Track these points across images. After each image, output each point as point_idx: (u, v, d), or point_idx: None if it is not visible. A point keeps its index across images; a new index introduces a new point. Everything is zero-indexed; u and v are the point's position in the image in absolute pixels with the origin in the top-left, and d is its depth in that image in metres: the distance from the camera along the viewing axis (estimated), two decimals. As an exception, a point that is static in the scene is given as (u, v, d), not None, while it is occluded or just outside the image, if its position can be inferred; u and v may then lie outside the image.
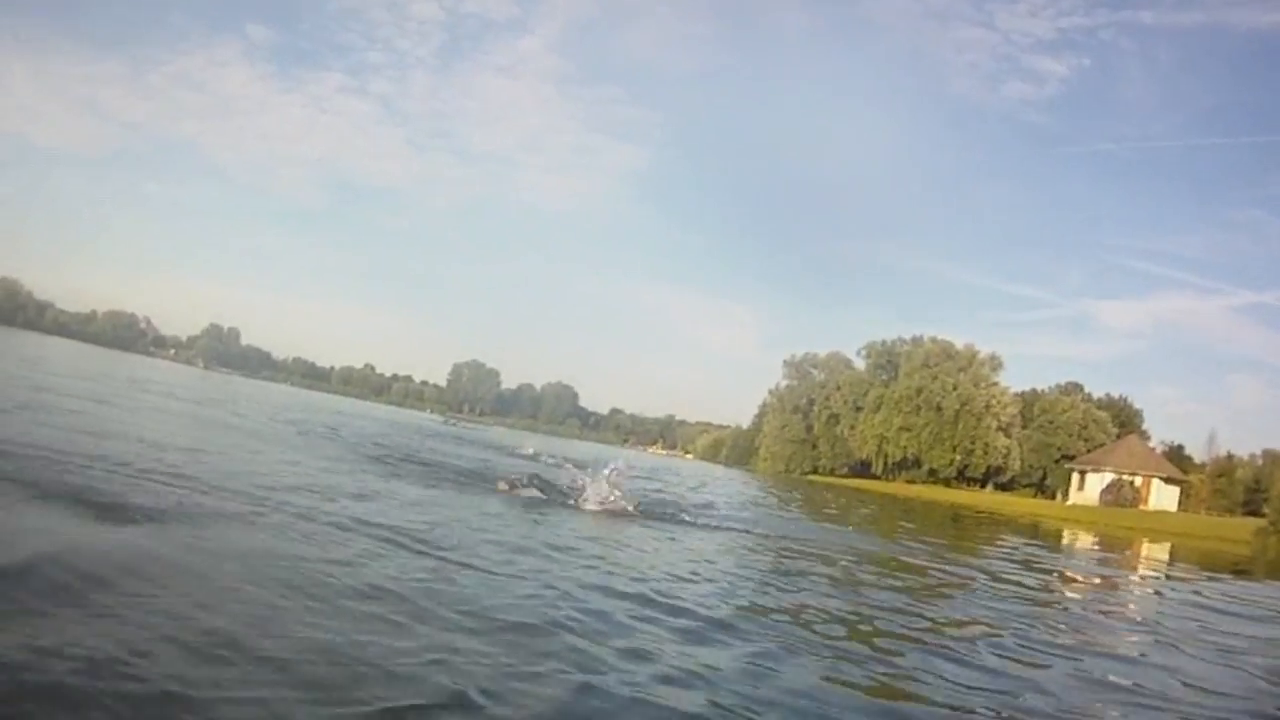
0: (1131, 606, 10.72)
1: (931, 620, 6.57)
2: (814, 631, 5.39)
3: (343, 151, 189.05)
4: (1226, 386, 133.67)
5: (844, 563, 9.99)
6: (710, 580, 6.81)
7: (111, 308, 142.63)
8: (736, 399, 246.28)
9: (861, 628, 5.83)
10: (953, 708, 4.07)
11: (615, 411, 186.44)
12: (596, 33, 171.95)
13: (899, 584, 8.78)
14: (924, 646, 5.36)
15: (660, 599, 5.58)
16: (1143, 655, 6.39)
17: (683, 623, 5.02)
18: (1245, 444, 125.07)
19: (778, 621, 5.51)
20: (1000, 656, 5.39)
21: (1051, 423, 79.48)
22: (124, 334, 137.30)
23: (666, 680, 3.83)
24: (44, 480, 6.08)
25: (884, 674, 4.54)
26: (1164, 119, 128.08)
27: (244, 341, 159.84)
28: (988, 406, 77.17)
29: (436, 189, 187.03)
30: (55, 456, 7.25)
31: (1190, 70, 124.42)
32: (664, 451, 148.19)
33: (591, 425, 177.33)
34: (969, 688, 4.49)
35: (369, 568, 5.09)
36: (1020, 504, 60.64)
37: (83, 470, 6.83)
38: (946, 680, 4.60)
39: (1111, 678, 5.37)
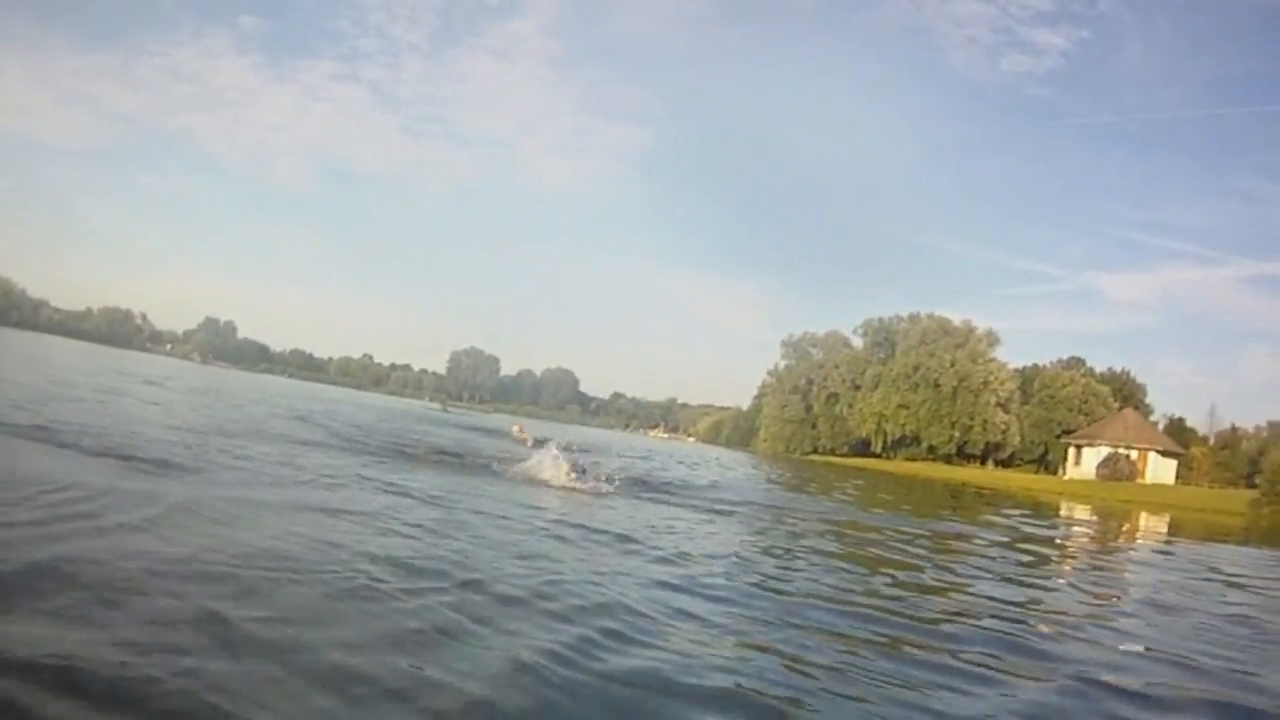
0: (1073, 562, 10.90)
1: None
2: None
3: (336, 139, 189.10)
4: (1233, 358, 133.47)
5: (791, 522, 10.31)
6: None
7: (106, 304, 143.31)
8: (740, 381, 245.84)
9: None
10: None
11: (617, 396, 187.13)
12: (590, 13, 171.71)
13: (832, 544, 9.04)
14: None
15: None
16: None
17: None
18: (1252, 416, 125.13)
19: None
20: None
21: (1052, 397, 79.41)
22: (120, 330, 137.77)
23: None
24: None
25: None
26: (1165, 90, 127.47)
27: (240, 335, 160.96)
28: (985, 382, 77.17)
29: (432, 175, 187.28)
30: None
31: (1190, 41, 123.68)
32: (666, 435, 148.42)
33: (593, 410, 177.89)
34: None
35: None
36: (1017, 479, 60.77)
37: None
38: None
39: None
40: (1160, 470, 56.56)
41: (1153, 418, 78.86)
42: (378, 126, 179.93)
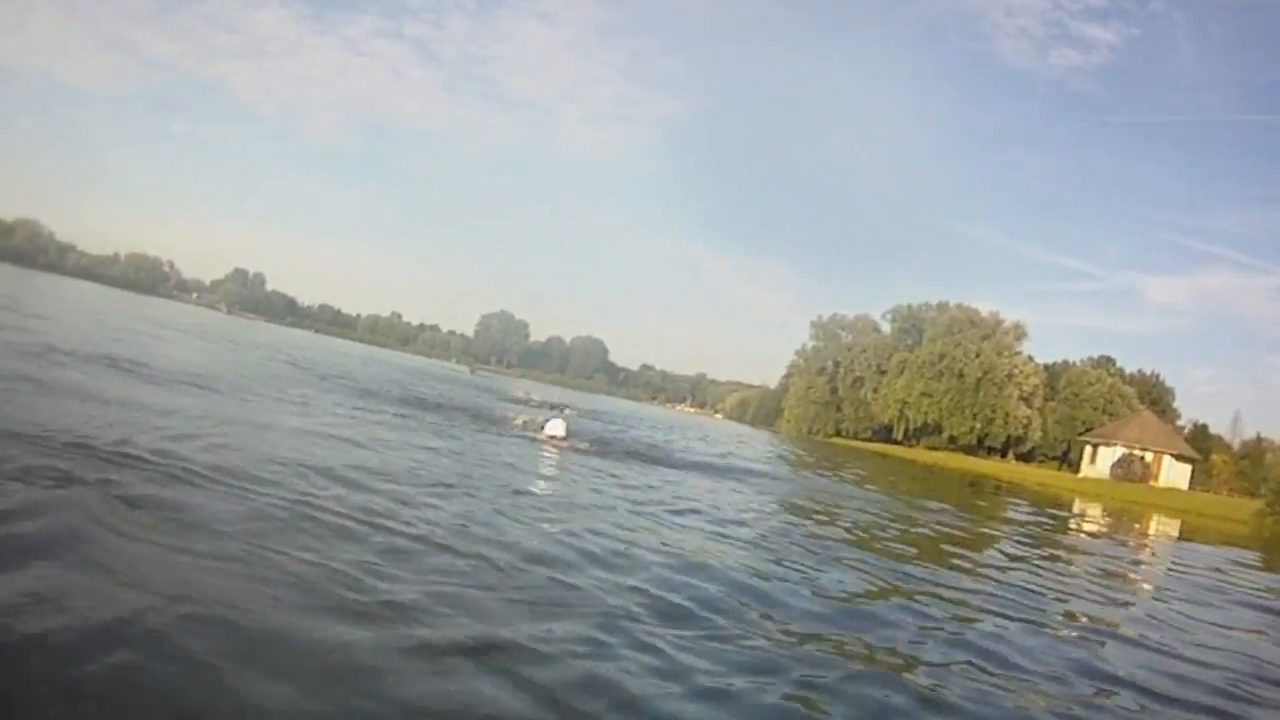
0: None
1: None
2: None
3: (376, 95, 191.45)
4: (1266, 368, 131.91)
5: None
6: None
7: (134, 250, 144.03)
8: (769, 359, 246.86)
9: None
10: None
11: (645, 368, 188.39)
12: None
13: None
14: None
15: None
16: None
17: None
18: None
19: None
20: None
21: (1077, 395, 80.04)
22: (147, 277, 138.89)
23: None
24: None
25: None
26: (1213, 93, 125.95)
27: (269, 287, 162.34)
28: (1010, 375, 77.98)
29: (471, 135, 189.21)
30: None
31: (1241, 44, 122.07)
32: (693, 410, 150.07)
33: (620, 381, 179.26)
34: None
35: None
36: (1033, 474, 62.03)
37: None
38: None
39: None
40: (1174, 474, 57.42)
41: (1179, 422, 79.42)
42: (419, 84, 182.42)
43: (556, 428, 17.14)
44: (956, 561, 10.88)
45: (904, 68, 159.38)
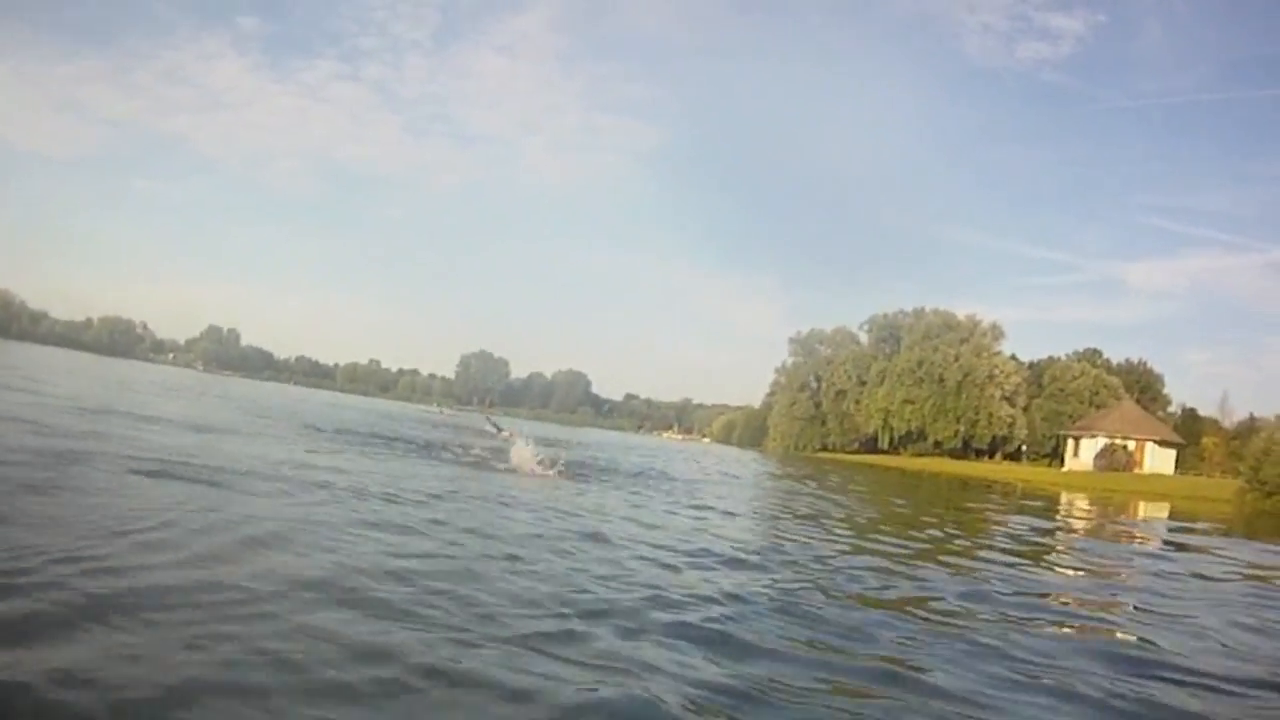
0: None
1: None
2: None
3: (338, 141, 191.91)
4: (1259, 347, 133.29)
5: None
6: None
7: (107, 313, 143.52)
8: (754, 379, 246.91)
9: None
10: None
11: (630, 397, 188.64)
12: (598, 7, 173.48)
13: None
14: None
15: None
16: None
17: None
18: (1277, 406, 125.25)
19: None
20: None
21: (1062, 390, 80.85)
22: (121, 340, 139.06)
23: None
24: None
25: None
26: (1184, 74, 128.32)
27: (244, 342, 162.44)
28: (990, 376, 78.87)
29: (436, 175, 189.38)
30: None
31: (1209, 23, 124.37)
32: (680, 436, 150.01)
33: (605, 412, 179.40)
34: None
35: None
36: (1017, 471, 62.60)
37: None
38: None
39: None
40: (1158, 460, 58.12)
41: (1170, 408, 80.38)
42: (380, 126, 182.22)
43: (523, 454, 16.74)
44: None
45: (871, 75, 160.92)
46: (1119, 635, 6.70)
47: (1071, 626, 6.86)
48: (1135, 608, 8.06)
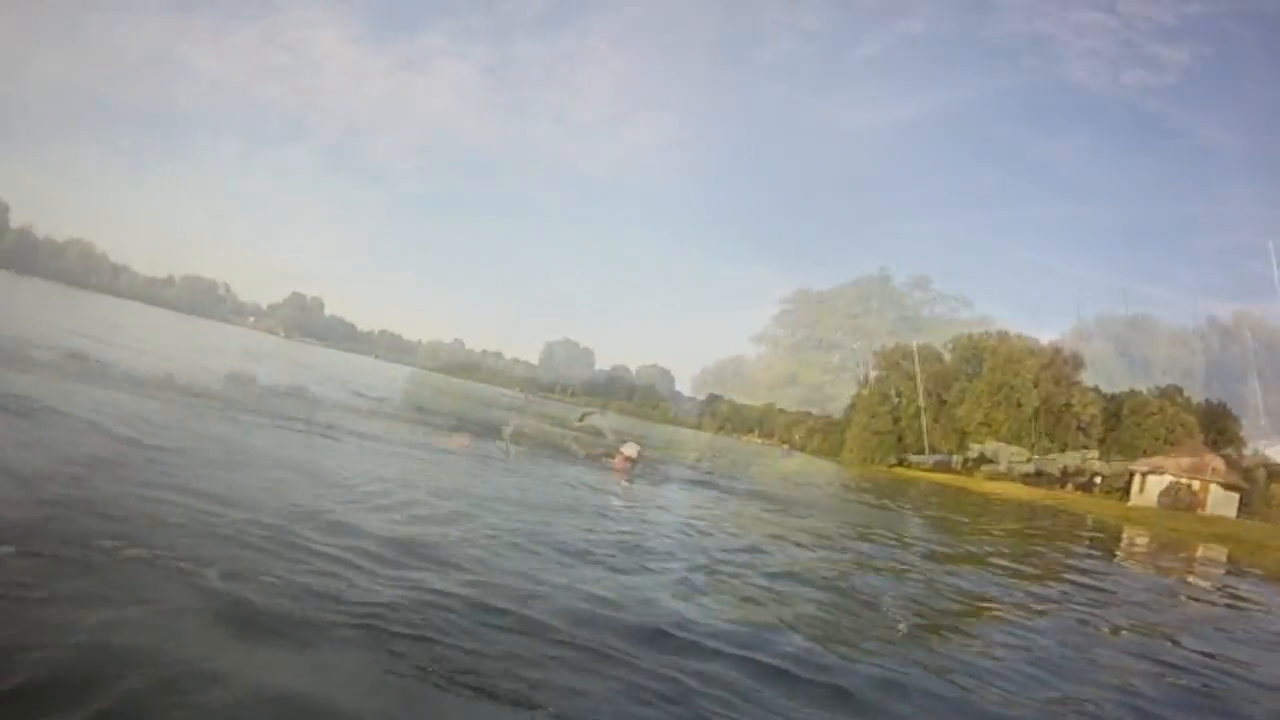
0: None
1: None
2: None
3: (438, 119, 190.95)
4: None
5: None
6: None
7: (189, 273, 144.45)
8: (834, 389, 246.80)
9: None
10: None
11: (713, 398, 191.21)
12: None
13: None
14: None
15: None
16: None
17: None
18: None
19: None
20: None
21: (1139, 425, 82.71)
22: (202, 299, 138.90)
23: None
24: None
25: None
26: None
27: (327, 312, 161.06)
28: (1067, 405, 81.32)
29: (536, 159, 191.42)
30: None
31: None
32: (760, 440, 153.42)
33: (687, 411, 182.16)
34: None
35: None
36: (1084, 502, 65.56)
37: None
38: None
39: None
40: (1221, 502, 60.07)
41: (1245, 450, 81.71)
42: (482, 106, 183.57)
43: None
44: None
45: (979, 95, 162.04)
46: None
47: None
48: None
